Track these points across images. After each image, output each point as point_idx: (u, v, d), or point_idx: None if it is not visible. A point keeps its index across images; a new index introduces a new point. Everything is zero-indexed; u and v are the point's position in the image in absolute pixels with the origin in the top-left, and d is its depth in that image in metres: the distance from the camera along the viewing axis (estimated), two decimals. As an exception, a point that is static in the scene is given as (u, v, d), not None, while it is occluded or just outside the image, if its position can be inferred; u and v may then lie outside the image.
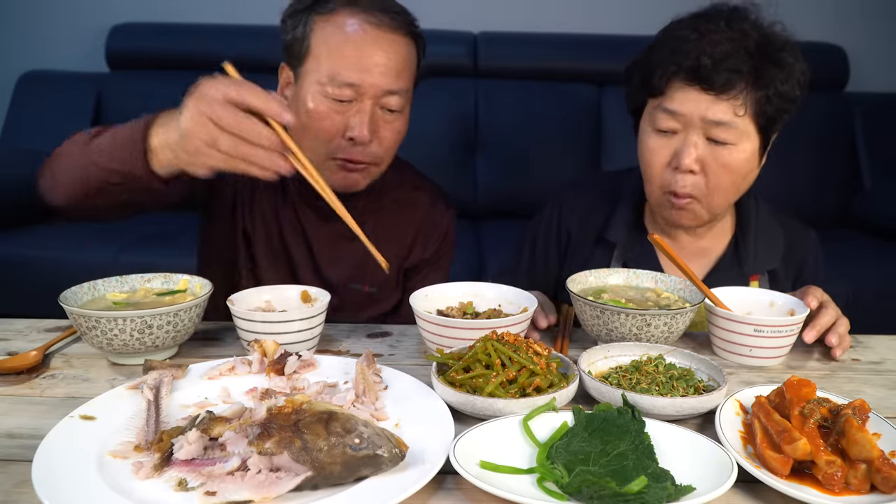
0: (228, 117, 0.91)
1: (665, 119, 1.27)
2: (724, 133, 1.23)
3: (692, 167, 1.25)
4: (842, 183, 3.18)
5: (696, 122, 1.24)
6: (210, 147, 0.93)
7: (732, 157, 1.25)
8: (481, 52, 3.24)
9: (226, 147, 0.92)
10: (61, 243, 2.61)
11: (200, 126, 0.92)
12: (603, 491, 0.70)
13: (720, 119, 1.22)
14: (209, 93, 0.93)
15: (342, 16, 1.29)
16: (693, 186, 1.28)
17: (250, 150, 0.93)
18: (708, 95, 1.22)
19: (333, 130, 1.30)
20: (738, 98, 1.21)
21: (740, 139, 1.24)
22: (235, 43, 3.22)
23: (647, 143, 1.31)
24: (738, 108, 1.22)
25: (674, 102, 1.25)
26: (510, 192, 3.13)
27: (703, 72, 1.21)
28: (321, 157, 1.32)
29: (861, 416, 0.83)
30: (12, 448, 0.82)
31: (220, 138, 0.92)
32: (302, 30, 1.31)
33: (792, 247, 1.44)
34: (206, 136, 0.92)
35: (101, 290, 1.14)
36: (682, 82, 1.24)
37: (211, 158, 0.95)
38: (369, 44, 1.27)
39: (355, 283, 1.46)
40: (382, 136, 1.33)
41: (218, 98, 0.92)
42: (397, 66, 1.30)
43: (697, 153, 1.25)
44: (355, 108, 1.29)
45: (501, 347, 0.93)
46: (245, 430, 0.75)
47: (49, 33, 3.43)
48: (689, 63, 1.22)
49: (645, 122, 1.33)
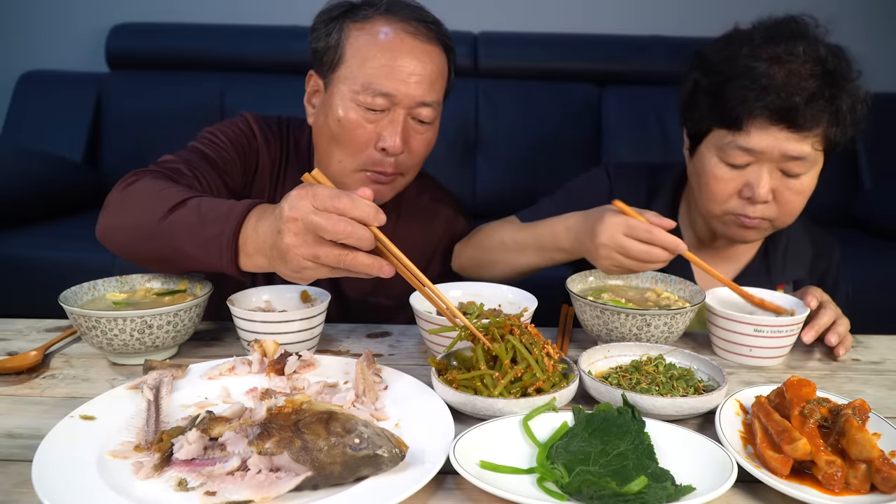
0: (327, 225, 0.86)
1: (739, 155, 1.23)
2: (799, 167, 1.22)
3: (767, 198, 1.24)
4: (842, 183, 3.18)
5: (775, 157, 1.22)
6: (313, 262, 0.89)
7: (804, 184, 1.25)
8: (481, 52, 3.24)
9: (328, 260, 0.88)
10: (61, 243, 2.60)
11: (300, 242, 0.88)
12: (603, 491, 0.70)
13: (800, 154, 1.20)
14: (302, 205, 0.87)
15: (378, 24, 1.27)
16: (765, 212, 1.27)
17: (353, 260, 0.88)
18: (791, 133, 1.19)
19: (365, 140, 1.27)
20: (819, 135, 1.20)
21: (813, 167, 1.24)
22: (236, 43, 3.22)
23: (713, 172, 1.27)
24: (816, 144, 1.21)
25: (752, 140, 1.21)
26: (510, 192, 3.12)
27: (791, 114, 1.18)
28: (349, 170, 1.31)
29: (861, 416, 0.83)
30: (12, 448, 0.82)
31: (321, 252, 0.88)
32: (336, 37, 1.28)
33: (818, 257, 1.43)
34: (307, 252, 0.88)
35: (101, 290, 1.14)
36: (765, 121, 1.20)
37: (315, 272, 0.91)
38: (405, 53, 1.25)
39: (374, 297, 1.45)
40: (413, 148, 1.31)
41: (312, 208, 0.87)
42: (431, 77, 1.28)
43: (771, 184, 1.24)
44: (388, 117, 1.27)
45: (518, 344, 0.92)
46: (245, 430, 0.75)
47: (49, 33, 3.43)
48: (778, 104, 1.18)
49: (710, 149, 1.28)
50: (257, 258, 0.97)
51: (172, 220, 1.03)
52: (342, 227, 0.85)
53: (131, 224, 1.09)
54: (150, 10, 3.34)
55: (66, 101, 3.19)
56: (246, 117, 1.41)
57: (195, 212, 1.02)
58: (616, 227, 1.11)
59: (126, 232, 1.10)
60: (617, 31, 3.26)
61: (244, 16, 3.32)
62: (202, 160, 1.28)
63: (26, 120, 3.17)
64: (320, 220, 0.86)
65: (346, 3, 1.32)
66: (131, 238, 1.09)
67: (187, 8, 3.35)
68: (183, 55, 3.22)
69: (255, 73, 3.17)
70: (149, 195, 1.09)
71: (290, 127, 1.47)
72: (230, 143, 1.35)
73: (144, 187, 1.12)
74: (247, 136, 1.39)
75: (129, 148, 3.13)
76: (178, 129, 2.10)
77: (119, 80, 3.24)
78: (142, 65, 3.26)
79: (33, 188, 2.81)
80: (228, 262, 0.98)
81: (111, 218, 1.13)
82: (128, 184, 1.14)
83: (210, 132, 1.36)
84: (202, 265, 1.03)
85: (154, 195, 1.08)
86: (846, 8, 3.31)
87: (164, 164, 1.23)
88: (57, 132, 3.13)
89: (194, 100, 3.12)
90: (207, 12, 3.33)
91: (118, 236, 1.11)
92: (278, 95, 2.65)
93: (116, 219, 1.12)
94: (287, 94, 2.26)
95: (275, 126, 1.44)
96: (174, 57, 3.23)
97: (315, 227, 0.86)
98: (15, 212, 2.70)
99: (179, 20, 3.30)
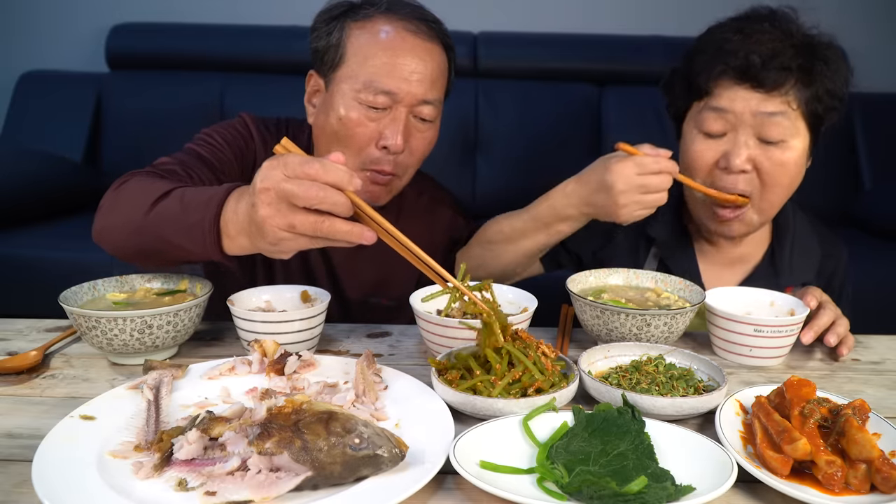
0: (298, 191, 0.85)
1: (713, 119, 1.24)
2: (776, 129, 1.21)
3: (744, 167, 1.23)
4: (842, 183, 3.18)
5: (747, 118, 1.21)
6: (289, 231, 0.88)
7: (785, 155, 1.23)
8: (481, 52, 3.24)
9: (304, 228, 0.87)
10: (61, 243, 2.60)
11: (274, 211, 0.87)
12: (603, 491, 0.70)
13: (772, 110, 1.20)
14: (273, 174, 0.87)
15: (379, 23, 1.27)
16: (746, 184, 1.25)
17: (330, 227, 0.87)
18: (758, 93, 1.20)
19: (366, 138, 1.28)
20: (790, 94, 1.20)
21: (792, 136, 1.22)
22: (235, 43, 3.22)
23: (692, 147, 1.28)
24: (792, 103, 1.20)
25: (722, 100, 1.23)
26: (510, 192, 3.10)
27: (752, 70, 1.19)
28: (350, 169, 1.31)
29: (861, 416, 0.83)
30: (12, 448, 0.82)
31: (296, 220, 0.87)
32: (337, 36, 1.29)
33: (827, 257, 1.42)
34: (282, 221, 0.87)
35: (101, 290, 1.14)
36: (730, 81, 1.22)
37: (294, 243, 0.90)
38: (406, 51, 1.26)
39: (375, 297, 1.45)
40: (414, 147, 1.31)
41: (283, 177, 0.86)
42: (433, 75, 1.28)
43: (749, 152, 1.23)
44: (389, 116, 1.27)
45: (514, 349, 0.92)
46: (245, 430, 0.75)
47: (49, 33, 3.42)
48: (737, 62, 1.20)
49: (689, 126, 1.30)
50: (240, 239, 0.96)
51: (157, 210, 1.03)
52: (314, 192, 0.84)
53: (121, 221, 1.09)
54: (150, 10, 3.34)
55: (66, 101, 3.19)
56: (244, 118, 1.41)
57: (178, 201, 1.02)
58: (630, 170, 1.17)
59: (117, 230, 1.10)
60: (617, 31, 3.26)
61: (244, 16, 3.32)
62: (197, 161, 1.28)
63: (26, 120, 3.17)
64: (291, 187, 0.85)
65: (347, 3, 1.32)
66: (122, 235, 1.10)
67: (187, 8, 3.35)
68: (183, 55, 3.22)
69: (255, 73, 3.17)
70: (137, 192, 1.09)
71: (288, 128, 1.47)
72: (226, 144, 1.34)
73: (134, 186, 1.12)
74: (244, 137, 1.38)
75: (129, 148, 3.13)
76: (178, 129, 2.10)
77: (119, 80, 3.24)
78: (142, 65, 3.26)
79: (33, 188, 2.81)
80: (212, 246, 0.97)
81: (104, 218, 1.13)
82: (120, 184, 1.15)
83: (206, 133, 1.36)
84: (190, 254, 1.03)
85: (142, 191, 1.08)
86: (847, 8, 3.32)
87: (159, 166, 1.23)
88: (57, 132, 3.13)
89: (194, 100, 3.12)
90: (207, 12, 3.33)
91: (111, 235, 1.12)
92: (278, 95, 2.65)
93: (108, 218, 1.12)
94: (287, 94, 2.26)
95: (273, 127, 1.44)
96: (174, 57, 3.23)
97: (287, 194, 0.85)
98: (15, 212, 2.70)
99: (179, 20, 3.30)
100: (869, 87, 3.38)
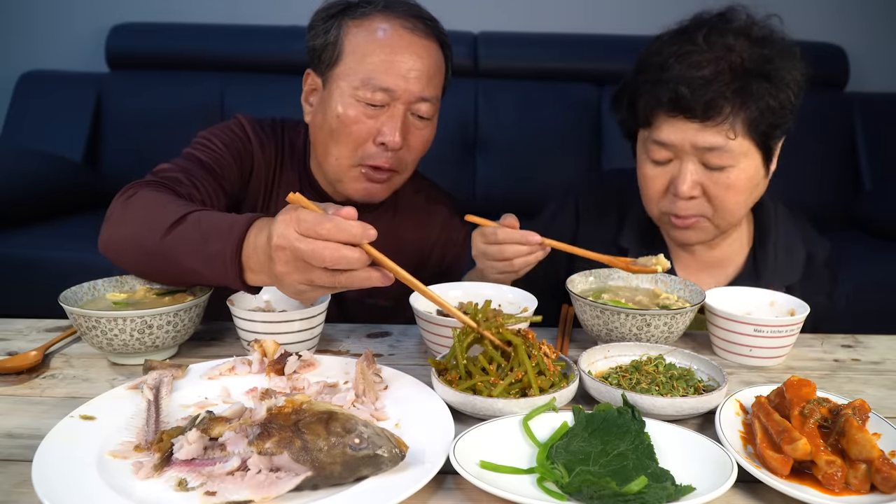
0: (313, 255, 0.85)
1: (657, 150, 1.24)
2: (718, 158, 1.20)
3: (690, 193, 1.23)
4: (842, 183, 3.18)
5: (688, 149, 1.21)
6: (308, 285, 0.89)
7: (732, 178, 1.22)
8: (481, 52, 3.24)
9: (322, 282, 0.88)
10: (61, 243, 2.61)
11: (291, 269, 0.88)
12: (603, 491, 0.70)
13: (711, 145, 1.19)
14: (287, 233, 0.86)
15: (376, 21, 1.28)
16: (697, 208, 1.25)
17: (348, 280, 0.87)
18: (694, 124, 1.19)
19: (364, 135, 1.28)
20: (726, 123, 1.17)
21: (738, 160, 1.21)
22: (235, 43, 3.23)
23: (643, 171, 1.29)
24: (728, 133, 1.18)
25: (661, 133, 1.22)
26: (510, 192, 3.12)
27: (682, 102, 1.17)
28: (345, 166, 1.31)
29: (861, 416, 0.83)
30: (12, 448, 0.82)
31: (314, 276, 0.87)
32: (334, 34, 1.29)
33: (811, 259, 1.39)
34: (300, 277, 0.88)
35: (101, 291, 1.14)
36: (666, 114, 1.21)
37: (314, 293, 0.92)
38: (404, 49, 1.26)
39: (371, 298, 1.45)
40: (411, 144, 1.32)
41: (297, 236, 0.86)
42: (430, 73, 1.29)
43: (694, 178, 1.22)
44: (387, 113, 1.27)
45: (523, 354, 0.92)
46: (245, 430, 0.75)
47: (49, 33, 3.43)
48: (669, 94, 1.18)
49: (640, 149, 1.31)
50: (261, 276, 0.97)
51: (175, 235, 1.03)
52: (329, 253, 0.84)
53: (131, 239, 1.09)
54: (150, 10, 3.34)
55: (66, 101, 3.19)
56: (239, 120, 1.41)
57: (196, 227, 1.02)
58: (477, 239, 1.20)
59: (128, 247, 1.10)
60: (617, 31, 3.26)
61: (244, 16, 3.32)
62: (199, 167, 1.28)
63: (26, 120, 3.17)
64: (306, 249, 0.85)
65: (344, 1, 1.32)
66: (132, 253, 1.10)
67: (187, 8, 3.35)
68: (183, 55, 3.23)
69: (255, 73, 3.18)
70: (150, 210, 1.09)
71: (284, 128, 1.47)
72: (225, 147, 1.35)
73: (144, 200, 1.11)
74: (241, 138, 1.39)
75: (129, 148, 3.13)
76: (178, 130, 2.10)
77: (119, 80, 3.25)
78: (142, 65, 3.26)
79: (33, 188, 2.81)
80: (234, 279, 0.98)
81: (112, 230, 1.12)
82: (128, 196, 1.14)
83: (205, 137, 1.36)
84: (208, 280, 1.03)
85: (155, 210, 1.08)
86: (847, 8, 3.32)
87: (161, 174, 1.23)
88: (57, 132, 3.13)
89: (194, 100, 3.13)
90: (207, 12, 3.33)
91: (119, 249, 1.11)
92: (278, 95, 2.65)
93: (117, 231, 1.11)
94: (287, 94, 2.25)
95: (269, 128, 1.44)
96: (174, 57, 3.23)
97: (302, 255, 0.86)
98: (15, 212, 2.71)
99: (179, 20, 3.30)
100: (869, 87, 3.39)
